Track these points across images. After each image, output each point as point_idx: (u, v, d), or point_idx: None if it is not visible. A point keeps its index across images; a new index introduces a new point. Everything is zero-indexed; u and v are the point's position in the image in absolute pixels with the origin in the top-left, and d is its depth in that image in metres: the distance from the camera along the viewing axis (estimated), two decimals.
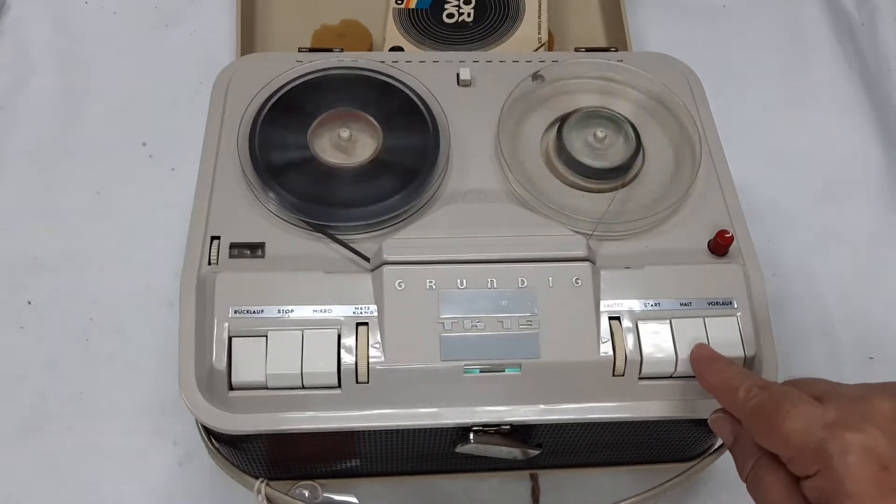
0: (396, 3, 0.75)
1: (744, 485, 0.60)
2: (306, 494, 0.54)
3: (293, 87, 0.54)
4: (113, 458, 0.59)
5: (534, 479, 0.59)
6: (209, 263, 0.48)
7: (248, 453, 0.50)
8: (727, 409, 0.42)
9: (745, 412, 0.39)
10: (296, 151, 0.51)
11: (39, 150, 0.72)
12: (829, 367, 0.65)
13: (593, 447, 0.54)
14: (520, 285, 0.46)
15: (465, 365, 0.45)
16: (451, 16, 0.75)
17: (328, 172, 0.51)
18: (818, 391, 0.37)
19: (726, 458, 0.55)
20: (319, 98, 0.54)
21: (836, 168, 0.76)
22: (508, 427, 0.47)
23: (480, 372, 0.45)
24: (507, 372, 0.45)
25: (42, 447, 0.59)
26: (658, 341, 0.46)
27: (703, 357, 0.44)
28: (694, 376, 0.46)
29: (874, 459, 0.33)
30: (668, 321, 0.46)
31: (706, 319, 0.47)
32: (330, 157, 0.51)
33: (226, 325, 0.44)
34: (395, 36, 0.74)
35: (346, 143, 0.52)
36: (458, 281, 0.46)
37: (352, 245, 0.48)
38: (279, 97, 0.53)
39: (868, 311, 0.68)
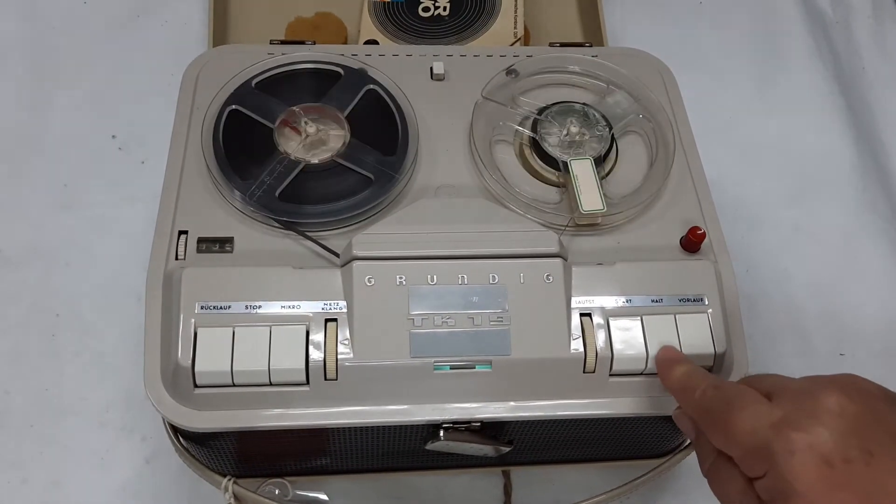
0: None
1: None
2: (276, 492, 0.54)
3: (260, 81, 0.53)
4: (79, 455, 0.58)
5: (506, 475, 0.59)
6: (176, 258, 0.47)
7: (216, 451, 0.50)
8: (685, 410, 0.42)
9: (699, 412, 0.40)
10: (262, 147, 0.50)
11: (6, 141, 0.71)
12: (800, 363, 0.66)
13: (565, 444, 0.54)
14: (491, 281, 0.46)
15: (436, 361, 0.44)
16: (426, 9, 0.74)
17: (319, 170, 0.50)
18: (768, 387, 0.37)
19: None
20: (287, 92, 0.53)
21: (810, 165, 0.76)
22: (479, 424, 0.47)
23: (451, 369, 0.45)
24: (478, 369, 0.45)
25: (5, 444, 0.58)
26: (629, 338, 0.46)
27: (666, 359, 0.45)
28: None
29: (819, 457, 0.33)
30: (639, 318, 0.46)
31: (677, 316, 0.47)
32: (297, 153, 0.50)
33: (192, 320, 0.44)
34: (370, 29, 0.73)
35: (314, 139, 0.51)
36: (429, 277, 0.46)
37: (321, 241, 0.47)
38: (246, 91, 0.52)
39: (839, 308, 0.69)
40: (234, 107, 0.52)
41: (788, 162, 0.76)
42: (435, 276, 0.46)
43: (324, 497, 0.53)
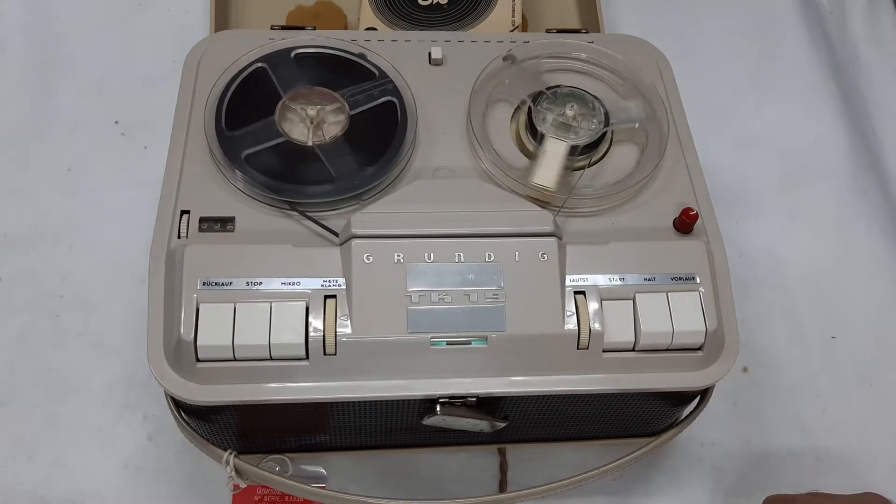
0: None
1: (706, 460, 0.62)
2: (276, 468, 0.55)
3: (248, 74, 0.54)
4: (82, 433, 0.59)
5: (501, 453, 0.60)
6: (179, 237, 0.48)
7: (218, 426, 0.51)
8: None
9: None
10: (268, 138, 0.51)
11: (11, 127, 0.72)
12: (792, 346, 0.67)
13: (559, 420, 0.55)
14: (487, 259, 0.47)
15: (432, 337, 0.45)
16: None
17: (295, 150, 0.51)
18: None
19: (689, 433, 0.56)
20: (287, 76, 0.54)
21: (803, 152, 0.77)
22: (475, 399, 0.48)
23: (447, 344, 0.46)
24: (474, 344, 0.46)
25: (11, 422, 0.59)
26: (622, 315, 0.47)
27: None
28: (657, 349, 0.47)
29: None
30: (632, 296, 0.47)
31: (669, 294, 0.48)
32: (297, 135, 0.51)
33: (194, 296, 0.45)
34: (369, 17, 0.74)
35: (314, 121, 0.52)
36: (426, 255, 0.46)
37: (321, 221, 0.48)
38: (246, 75, 0.53)
39: (831, 292, 0.70)
40: (263, 65, 0.53)
41: (782, 149, 0.77)
42: (432, 254, 0.47)
43: (323, 473, 0.54)
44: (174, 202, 0.49)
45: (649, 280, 0.48)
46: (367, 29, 0.73)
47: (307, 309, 0.45)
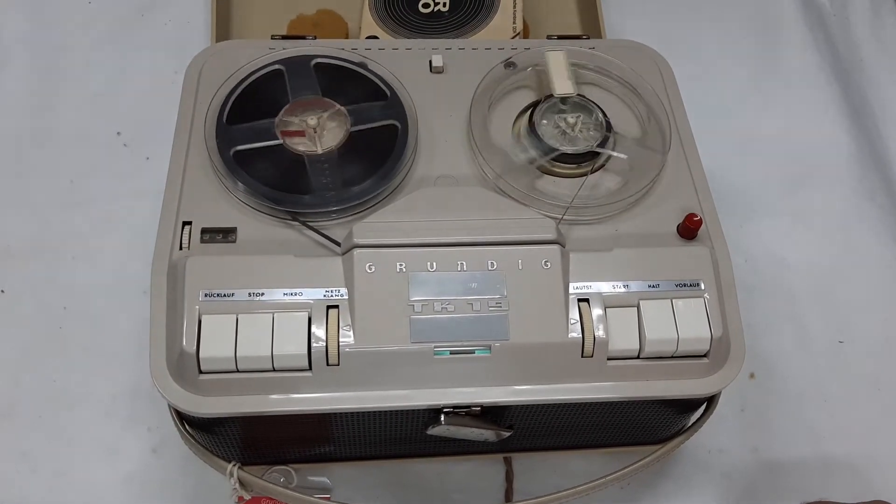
0: None
1: (713, 467, 0.62)
2: (281, 479, 0.55)
3: (262, 75, 0.54)
4: (86, 446, 0.59)
5: (507, 462, 0.59)
6: (180, 248, 0.48)
7: (221, 437, 0.50)
8: None
9: None
10: (263, 139, 0.51)
11: (13, 138, 0.72)
12: (799, 351, 0.66)
13: (565, 429, 0.54)
14: (489, 268, 0.47)
15: (436, 347, 0.45)
16: (426, 5, 0.75)
17: (296, 159, 0.51)
18: None
19: (696, 440, 0.56)
20: (288, 85, 0.54)
21: (807, 156, 0.76)
22: (479, 408, 0.47)
23: (450, 354, 0.45)
24: (477, 353, 0.46)
25: (14, 434, 0.59)
26: (626, 323, 0.47)
27: None
28: (662, 357, 0.47)
29: None
30: (636, 303, 0.47)
31: (674, 301, 0.47)
32: (298, 145, 0.51)
33: (196, 308, 0.45)
34: (370, 26, 0.74)
35: (314, 130, 0.52)
36: (429, 264, 0.46)
37: (323, 231, 0.48)
38: (247, 85, 0.53)
39: (837, 296, 0.69)
40: (281, 67, 0.54)
41: (786, 153, 0.76)
42: (434, 263, 0.46)
43: (327, 483, 0.54)
44: (176, 213, 0.49)
45: (653, 287, 0.48)
46: (369, 37, 0.73)
47: (309, 319, 0.45)
